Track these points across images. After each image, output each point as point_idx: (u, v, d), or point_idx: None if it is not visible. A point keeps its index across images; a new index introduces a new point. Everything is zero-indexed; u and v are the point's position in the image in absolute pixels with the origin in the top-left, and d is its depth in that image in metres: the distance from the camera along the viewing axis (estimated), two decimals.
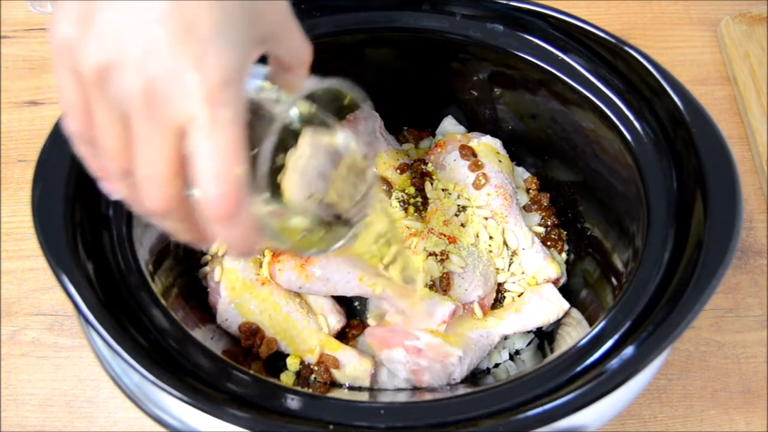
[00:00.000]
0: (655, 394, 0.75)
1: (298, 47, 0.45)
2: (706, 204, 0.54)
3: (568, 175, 0.76)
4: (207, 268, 0.71)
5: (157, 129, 0.36)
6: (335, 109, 0.46)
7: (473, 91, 0.76)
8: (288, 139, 0.44)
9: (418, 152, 0.81)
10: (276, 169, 0.43)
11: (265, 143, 0.39)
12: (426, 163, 0.77)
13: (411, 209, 0.73)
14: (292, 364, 0.67)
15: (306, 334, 0.67)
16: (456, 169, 0.75)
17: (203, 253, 0.72)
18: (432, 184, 0.75)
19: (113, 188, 0.41)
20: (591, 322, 0.64)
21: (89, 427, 0.73)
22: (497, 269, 0.72)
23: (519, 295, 0.71)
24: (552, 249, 0.76)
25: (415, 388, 0.67)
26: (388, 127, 0.80)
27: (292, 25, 0.44)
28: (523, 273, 0.72)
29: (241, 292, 0.67)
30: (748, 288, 0.81)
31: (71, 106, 0.38)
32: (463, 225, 0.72)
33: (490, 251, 0.72)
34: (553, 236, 0.77)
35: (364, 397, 0.66)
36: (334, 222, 0.49)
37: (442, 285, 0.67)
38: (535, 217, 0.78)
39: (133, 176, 0.38)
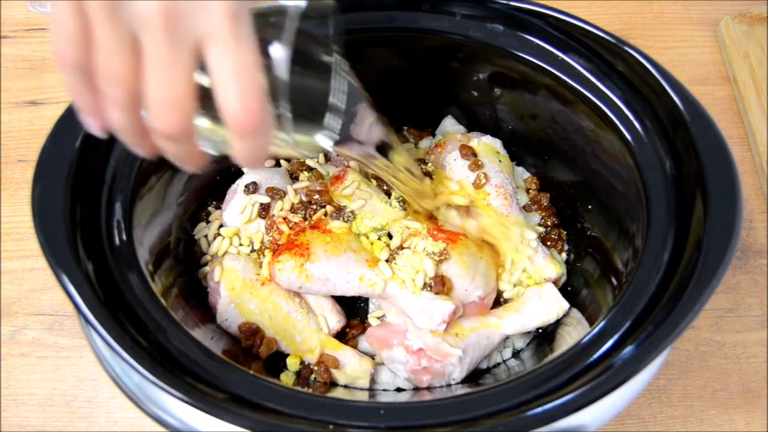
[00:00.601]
0: (655, 394, 0.75)
1: None
2: (706, 204, 0.54)
3: (568, 175, 0.76)
4: (207, 268, 0.71)
5: (176, 48, 0.37)
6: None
7: (473, 91, 0.76)
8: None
9: (418, 152, 0.81)
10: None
11: (284, 50, 0.41)
12: (426, 163, 0.77)
13: (411, 209, 0.73)
14: (292, 364, 0.67)
15: (306, 334, 0.67)
16: (456, 168, 0.75)
17: (203, 253, 0.72)
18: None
19: (105, 119, 0.41)
20: (591, 322, 0.64)
21: (89, 427, 0.73)
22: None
23: (519, 295, 0.71)
24: (552, 249, 0.76)
25: (416, 388, 0.67)
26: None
27: None
28: (523, 272, 0.72)
29: (241, 292, 0.67)
30: (748, 288, 0.81)
31: (68, 34, 0.38)
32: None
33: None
34: (553, 236, 0.77)
35: (364, 397, 0.66)
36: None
37: (442, 285, 0.67)
38: (535, 217, 0.78)
39: (138, 104, 0.39)
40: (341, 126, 0.51)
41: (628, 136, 0.62)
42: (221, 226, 0.73)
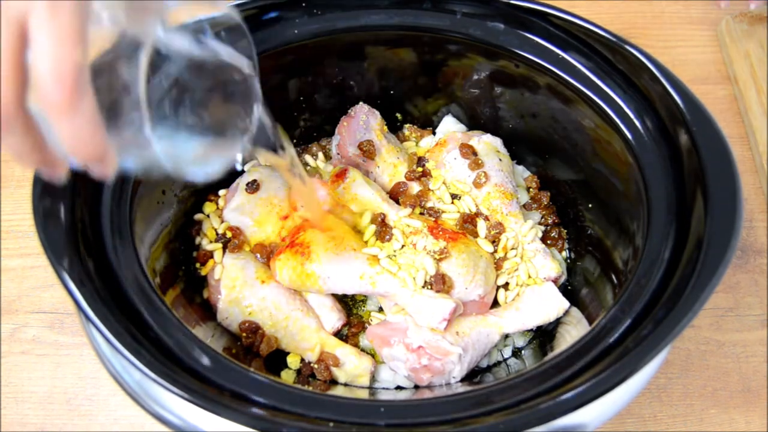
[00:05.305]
0: (655, 393, 0.75)
1: None
2: (706, 203, 0.54)
3: (568, 174, 0.76)
4: (207, 266, 0.71)
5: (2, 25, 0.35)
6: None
7: (474, 89, 0.76)
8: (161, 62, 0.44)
9: (419, 151, 0.81)
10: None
11: (141, 59, 0.39)
12: (427, 162, 0.77)
13: (418, 210, 0.73)
14: (293, 362, 0.67)
15: (306, 332, 0.67)
16: (456, 167, 0.75)
17: (204, 251, 0.72)
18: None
19: None
20: (591, 321, 0.64)
21: (89, 426, 0.73)
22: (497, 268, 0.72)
23: (519, 294, 0.71)
24: (552, 247, 0.76)
25: (416, 387, 0.67)
26: (389, 125, 0.80)
27: None
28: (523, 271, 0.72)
29: (241, 290, 0.67)
30: (748, 287, 0.81)
31: None
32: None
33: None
34: (553, 235, 0.77)
35: (364, 395, 0.66)
36: (216, 138, 0.48)
37: (442, 283, 0.67)
38: (536, 216, 0.78)
39: None
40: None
41: (629, 135, 0.62)
42: (222, 223, 0.73)
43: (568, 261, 0.77)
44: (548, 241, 0.76)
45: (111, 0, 0.41)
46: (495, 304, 0.71)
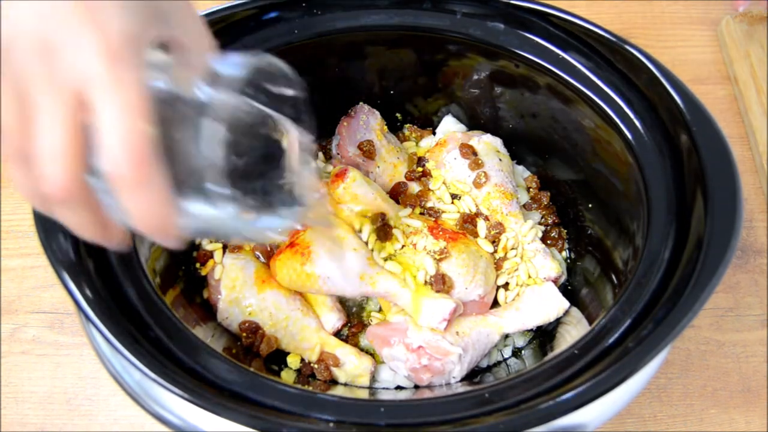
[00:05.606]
0: (655, 393, 0.75)
1: (194, 30, 0.43)
2: (706, 203, 0.54)
3: (568, 174, 0.76)
4: (208, 266, 0.71)
5: (55, 92, 0.34)
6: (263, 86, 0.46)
7: (474, 89, 0.76)
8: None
9: (419, 151, 0.81)
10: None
11: (213, 130, 0.38)
12: (427, 162, 0.77)
13: (418, 210, 0.73)
14: (293, 362, 0.67)
15: (306, 332, 0.67)
16: (456, 167, 0.75)
17: (204, 251, 0.72)
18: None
19: (12, 177, 0.38)
20: (591, 321, 0.64)
21: (89, 426, 0.73)
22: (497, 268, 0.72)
23: (519, 294, 0.71)
24: (552, 247, 0.76)
25: (416, 387, 0.67)
26: (389, 125, 0.80)
27: (186, 7, 0.43)
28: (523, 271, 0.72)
29: (241, 290, 0.67)
30: (748, 287, 0.81)
31: None
32: None
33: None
34: (553, 235, 0.77)
35: (364, 395, 0.66)
36: (266, 205, 0.47)
37: (442, 283, 0.67)
38: (536, 216, 0.78)
39: (31, 160, 0.35)
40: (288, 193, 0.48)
41: (629, 135, 0.62)
42: None
43: (568, 261, 0.77)
44: (548, 241, 0.76)
45: (161, 61, 0.40)
46: (495, 304, 0.71)
